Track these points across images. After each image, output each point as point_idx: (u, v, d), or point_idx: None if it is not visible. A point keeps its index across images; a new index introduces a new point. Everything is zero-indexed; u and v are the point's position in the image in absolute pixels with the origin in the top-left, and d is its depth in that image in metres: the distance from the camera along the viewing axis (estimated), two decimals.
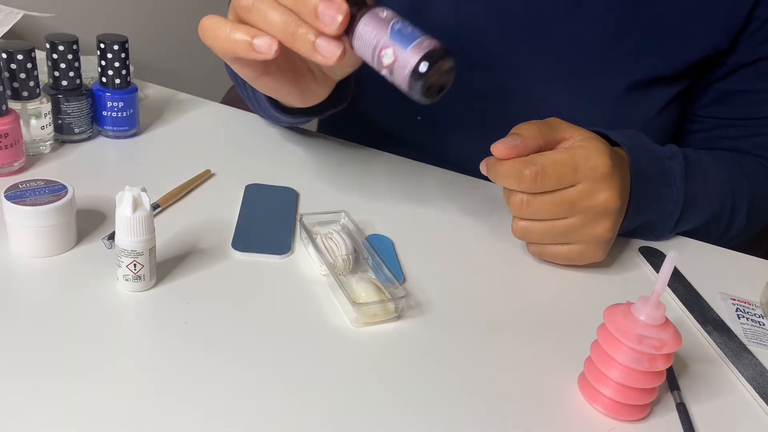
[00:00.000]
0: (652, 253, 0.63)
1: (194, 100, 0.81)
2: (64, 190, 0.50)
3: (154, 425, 0.37)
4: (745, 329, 0.55)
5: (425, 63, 0.40)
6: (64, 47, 0.63)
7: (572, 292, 0.56)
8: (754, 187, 0.69)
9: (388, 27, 0.41)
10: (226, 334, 0.45)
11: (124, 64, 0.66)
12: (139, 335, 0.44)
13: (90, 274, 0.48)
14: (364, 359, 0.45)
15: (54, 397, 0.38)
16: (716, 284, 0.60)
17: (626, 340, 0.41)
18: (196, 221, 0.57)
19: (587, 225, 0.54)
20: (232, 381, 0.41)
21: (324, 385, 0.42)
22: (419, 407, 0.42)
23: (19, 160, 0.59)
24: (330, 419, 0.40)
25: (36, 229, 0.48)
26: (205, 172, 0.64)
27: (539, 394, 0.44)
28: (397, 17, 0.42)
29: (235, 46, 0.44)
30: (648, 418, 0.44)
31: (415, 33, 0.41)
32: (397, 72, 0.41)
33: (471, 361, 0.46)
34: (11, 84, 0.60)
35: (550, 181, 0.51)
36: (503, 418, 0.42)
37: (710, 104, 0.73)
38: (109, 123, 0.68)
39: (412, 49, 0.40)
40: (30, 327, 0.43)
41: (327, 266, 0.51)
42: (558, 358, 0.48)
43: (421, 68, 0.40)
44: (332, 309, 0.49)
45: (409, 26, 0.41)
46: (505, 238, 0.61)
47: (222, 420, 0.38)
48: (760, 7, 0.65)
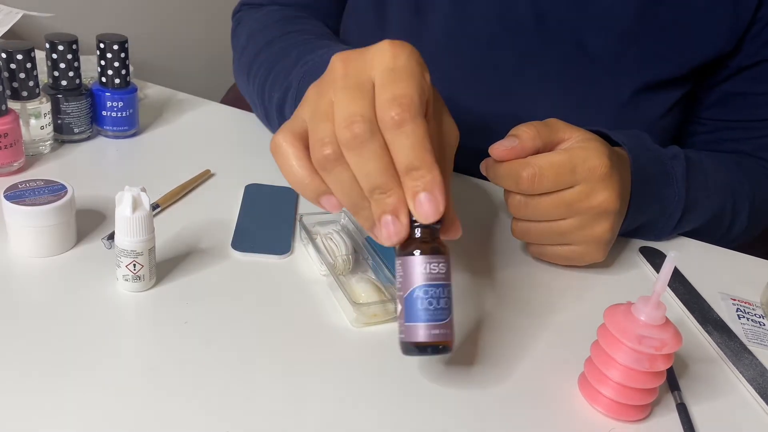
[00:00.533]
0: (653, 253, 0.62)
1: (194, 100, 0.81)
2: (63, 190, 0.49)
3: (154, 425, 0.37)
4: (746, 329, 0.54)
5: (415, 349, 0.38)
6: (64, 47, 0.63)
7: (572, 292, 0.56)
8: (755, 188, 0.69)
9: (418, 286, 0.38)
10: (226, 334, 0.45)
11: (124, 63, 0.66)
12: (139, 335, 0.44)
13: (90, 274, 0.48)
14: (364, 359, 0.45)
15: (54, 397, 0.38)
16: (716, 284, 0.60)
17: (626, 341, 0.41)
18: (195, 221, 0.57)
19: (586, 226, 0.53)
20: (232, 381, 0.41)
21: (324, 385, 0.42)
22: (419, 407, 0.42)
23: (19, 160, 0.59)
24: (330, 419, 0.40)
25: (36, 229, 0.48)
26: (205, 172, 0.64)
27: (539, 394, 0.44)
28: (436, 282, 0.38)
29: (300, 189, 0.42)
30: (648, 419, 0.44)
31: (436, 313, 0.38)
32: (399, 316, 0.39)
33: (471, 361, 0.46)
34: (11, 84, 0.60)
35: (547, 183, 0.51)
36: (503, 418, 0.42)
37: (712, 106, 0.74)
38: (108, 123, 0.68)
39: (414, 327, 0.38)
40: (30, 327, 0.43)
41: (327, 266, 0.50)
42: (558, 358, 0.48)
43: (409, 345, 0.38)
44: (332, 309, 0.49)
45: (440, 299, 0.38)
46: (504, 239, 0.61)
47: (222, 420, 0.38)
48: (763, 7, 0.65)
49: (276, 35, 0.69)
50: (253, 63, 0.69)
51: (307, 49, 0.63)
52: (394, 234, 0.39)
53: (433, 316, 0.38)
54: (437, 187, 0.37)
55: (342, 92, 0.39)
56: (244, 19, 0.78)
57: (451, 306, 0.39)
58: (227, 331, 0.45)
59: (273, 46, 0.68)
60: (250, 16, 0.77)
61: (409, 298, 0.38)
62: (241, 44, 0.74)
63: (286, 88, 0.60)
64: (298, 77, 0.59)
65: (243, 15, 0.79)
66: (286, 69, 0.62)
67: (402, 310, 0.39)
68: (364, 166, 0.38)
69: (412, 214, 0.38)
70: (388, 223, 0.38)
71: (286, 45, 0.66)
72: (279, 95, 0.62)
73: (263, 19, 0.74)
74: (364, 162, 0.38)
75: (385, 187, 0.38)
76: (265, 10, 0.76)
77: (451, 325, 0.39)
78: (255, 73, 0.68)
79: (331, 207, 0.42)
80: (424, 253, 0.38)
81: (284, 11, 0.75)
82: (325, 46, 0.62)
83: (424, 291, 0.38)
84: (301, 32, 0.69)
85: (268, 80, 0.65)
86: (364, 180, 0.38)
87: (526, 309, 0.53)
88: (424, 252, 0.38)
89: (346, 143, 0.38)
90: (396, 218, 0.38)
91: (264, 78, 0.66)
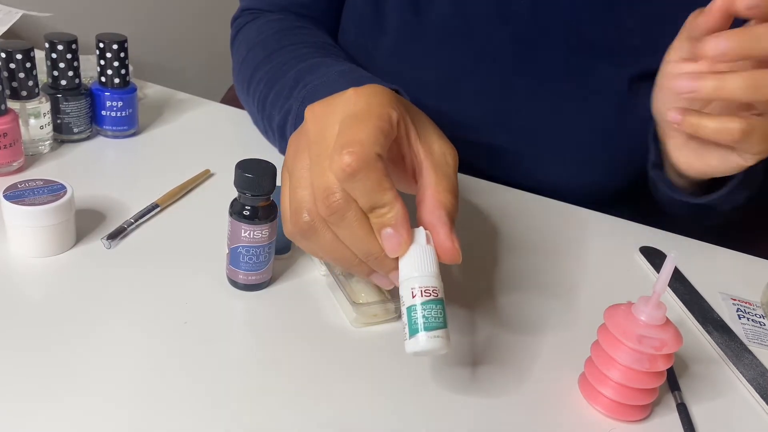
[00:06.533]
0: (653, 253, 0.62)
1: (194, 99, 0.81)
2: (63, 189, 0.49)
3: (154, 426, 0.37)
4: (746, 329, 0.54)
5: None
6: (63, 47, 0.63)
7: (572, 292, 0.56)
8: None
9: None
10: (226, 335, 0.45)
11: (123, 63, 0.66)
12: (139, 335, 0.44)
13: (89, 274, 0.48)
14: (364, 359, 0.45)
15: (54, 397, 0.38)
16: (717, 284, 0.60)
17: (627, 341, 0.41)
18: (195, 221, 0.57)
19: None
20: (232, 381, 0.41)
21: (324, 385, 0.42)
22: (419, 407, 0.42)
23: (18, 159, 0.59)
24: (330, 419, 0.39)
25: (35, 228, 0.48)
26: (205, 171, 0.64)
27: (539, 394, 0.44)
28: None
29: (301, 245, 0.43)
30: (648, 419, 0.44)
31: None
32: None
33: (471, 360, 0.46)
34: (10, 83, 0.60)
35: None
36: (503, 418, 0.42)
37: None
38: (108, 122, 0.68)
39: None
40: (29, 327, 0.43)
41: (327, 266, 0.50)
42: (558, 358, 0.48)
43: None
44: (332, 309, 0.49)
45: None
46: (505, 238, 0.61)
47: (221, 420, 0.38)
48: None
49: (275, 48, 0.69)
50: (252, 78, 0.69)
51: (305, 67, 0.63)
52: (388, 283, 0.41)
53: (252, 268, 0.48)
54: (400, 222, 0.39)
55: (314, 161, 0.40)
56: (243, 29, 0.77)
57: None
58: (227, 331, 0.45)
59: (271, 60, 0.68)
60: (249, 26, 0.77)
61: (234, 252, 0.47)
62: (241, 55, 0.74)
63: (287, 112, 0.61)
64: (297, 101, 0.60)
65: (242, 22, 0.79)
66: (285, 90, 0.62)
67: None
68: (348, 233, 0.39)
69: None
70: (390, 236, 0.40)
71: (284, 60, 0.66)
72: (279, 117, 0.62)
73: (262, 29, 0.74)
74: (346, 230, 0.39)
75: (375, 252, 0.40)
76: (264, 19, 0.76)
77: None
78: (255, 88, 0.68)
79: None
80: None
81: (283, 21, 0.75)
82: (323, 65, 0.62)
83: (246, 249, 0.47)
84: (299, 45, 0.69)
85: (269, 98, 0.65)
86: (353, 246, 0.40)
87: (527, 308, 0.53)
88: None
89: (327, 218, 0.39)
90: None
91: (264, 95, 0.66)
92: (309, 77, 0.61)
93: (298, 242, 0.43)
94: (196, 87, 1.07)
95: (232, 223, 0.47)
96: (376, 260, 0.40)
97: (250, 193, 0.45)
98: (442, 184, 0.41)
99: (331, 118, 0.40)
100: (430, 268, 0.39)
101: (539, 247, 0.62)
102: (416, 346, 0.37)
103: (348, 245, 0.40)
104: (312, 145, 0.41)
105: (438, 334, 0.37)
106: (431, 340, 0.37)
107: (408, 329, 0.38)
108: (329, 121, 0.40)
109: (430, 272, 0.39)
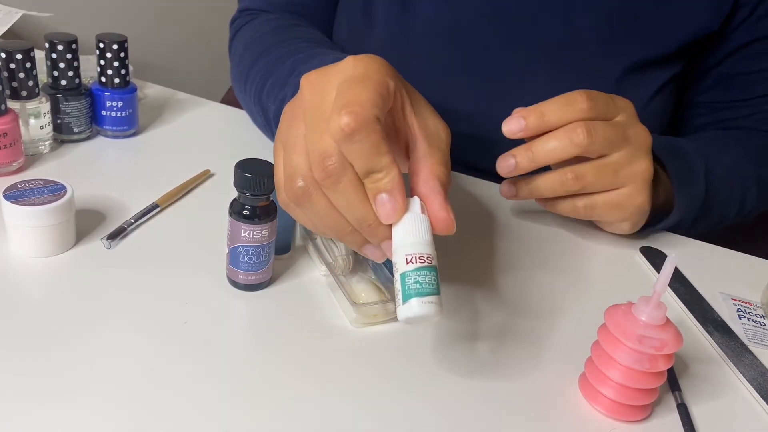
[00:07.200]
0: (653, 253, 0.62)
1: (194, 99, 0.81)
2: (63, 189, 0.49)
3: (154, 426, 0.37)
4: (746, 329, 0.54)
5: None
6: (63, 47, 0.63)
7: (572, 292, 0.56)
8: (759, 162, 0.70)
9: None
10: (226, 335, 0.45)
11: (123, 63, 0.66)
12: (139, 335, 0.43)
13: (89, 274, 0.48)
14: (364, 359, 0.45)
15: (53, 397, 0.38)
16: (717, 284, 0.60)
17: (627, 341, 0.41)
18: (195, 221, 0.57)
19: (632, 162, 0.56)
20: (232, 381, 0.41)
21: (324, 386, 0.42)
22: (419, 407, 0.41)
23: (18, 159, 0.59)
24: (330, 419, 0.39)
25: (35, 229, 0.48)
26: (205, 171, 0.64)
27: (539, 394, 0.44)
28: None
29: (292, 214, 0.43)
30: (649, 419, 0.44)
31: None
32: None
33: (471, 361, 0.46)
34: (10, 83, 0.60)
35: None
36: (503, 418, 0.42)
37: (709, 89, 0.76)
38: (108, 123, 0.68)
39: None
40: (29, 327, 0.43)
41: (327, 266, 0.50)
42: (558, 358, 0.48)
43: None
44: (332, 309, 0.49)
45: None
46: (505, 238, 0.61)
47: (221, 420, 0.38)
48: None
49: (271, 43, 0.69)
50: (249, 73, 0.69)
51: (301, 58, 0.63)
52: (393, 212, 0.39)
53: (252, 268, 0.48)
54: (396, 187, 0.38)
55: (310, 126, 0.40)
56: (241, 29, 0.78)
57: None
58: (227, 331, 0.45)
59: (268, 54, 0.68)
60: (247, 26, 0.77)
61: (233, 252, 0.48)
62: (238, 54, 0.74)
63: (281, 100, 0.61)
64: (292, 88, 0.59)
65: (240, 23, 0.79)
66: (281, 80, 0.62)
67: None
68: (342, 199, 0.39)
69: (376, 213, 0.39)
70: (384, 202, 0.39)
71: (280, 54, 0.66)
72: (275, 107, 0.62)
73: (260, 27, 0.74)
74: (340, 196, 0.39)
75: (369, 219, 0.39)
76: (262, 19, 0.76)
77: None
78: (251, 82, 0.68)
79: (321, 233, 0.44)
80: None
81: (280, 20, 0.75)
82: (319, 54, 0.62)
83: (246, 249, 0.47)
84: (296, 40, 0.69)
85: (264, 90, 0.65)
86: (347, 213, 0.40)
87: (526, 309, 0.53)
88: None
89: (322, 182, 0.39)
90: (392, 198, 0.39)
91: (260, 87, 0.66)
92: (304, 66, 0.61)
93: (292, 211, 0.42)
94: (196, 87, 1.07)
95: (231, 223, 0.47)
96: (370, 228, 0.39)
97: (249, 193, 0.45)
98: (436, 157, 0.41)
99: (328, 84, 0.40)
100: (425, 236, 0.38)
101: (539, 246, 0.62)
102: (409, 311, 0.37)
103: (342, 212, 0.40)
104: (308, 112, 0.40)
105: (431, 300, 0.37)
106: (424, 305, 0.37)
107: (401, 295, 0.37)
108: (327, 88, 0.40)
109: (425, 240, 0.38)
